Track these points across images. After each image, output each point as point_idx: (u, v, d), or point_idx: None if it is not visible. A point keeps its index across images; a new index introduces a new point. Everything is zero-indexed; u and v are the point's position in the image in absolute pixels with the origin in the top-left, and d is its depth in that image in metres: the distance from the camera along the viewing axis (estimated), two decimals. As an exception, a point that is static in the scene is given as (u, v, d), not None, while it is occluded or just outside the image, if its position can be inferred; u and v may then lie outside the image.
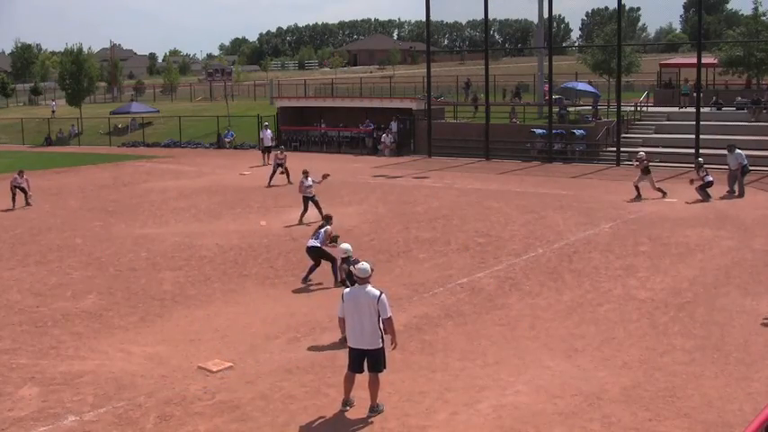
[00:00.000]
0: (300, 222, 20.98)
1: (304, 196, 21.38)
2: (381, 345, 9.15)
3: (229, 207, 24.16)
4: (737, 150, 23.92)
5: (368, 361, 9.16)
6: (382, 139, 38.43)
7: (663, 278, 14.88)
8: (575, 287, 14.45)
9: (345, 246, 12.61)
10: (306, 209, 21.33)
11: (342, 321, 9.32)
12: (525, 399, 9.51)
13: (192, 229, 20.88)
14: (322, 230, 15.18)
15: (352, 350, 9.25)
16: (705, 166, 23.67)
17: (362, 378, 9.33)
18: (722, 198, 23.14)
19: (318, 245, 14.99)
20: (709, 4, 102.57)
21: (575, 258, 16.52)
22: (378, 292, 9.11)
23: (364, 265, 9.35)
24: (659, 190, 23.57)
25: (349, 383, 9.35)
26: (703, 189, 23.08)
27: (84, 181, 31.76)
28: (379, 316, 9.04)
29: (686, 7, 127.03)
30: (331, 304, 13.64)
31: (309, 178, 21.39)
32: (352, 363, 9.27)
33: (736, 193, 23.58)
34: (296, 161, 35.62)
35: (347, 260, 12.56)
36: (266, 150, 34.69)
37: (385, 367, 9.29)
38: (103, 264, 17.21)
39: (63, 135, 51.79)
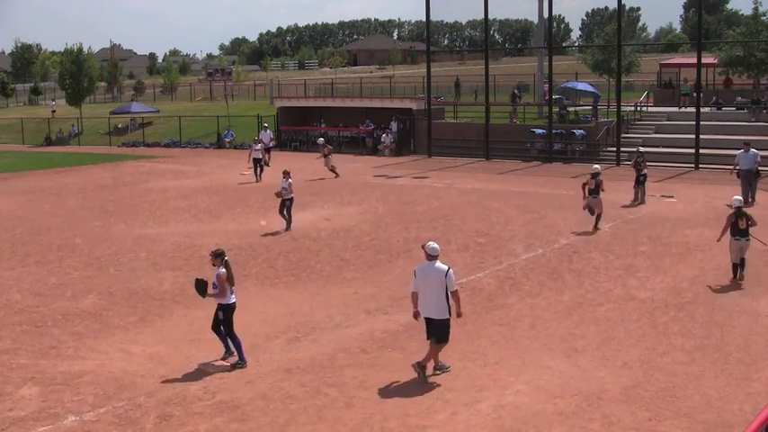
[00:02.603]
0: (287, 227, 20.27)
1: (282, 199, 20.42)
2: (448, 316, 10.13)
3: (229, 207, 24.16)
4: (753, 150, 22.67)
5: (434, 330, 10.16)
6: (382, 139, 38.40)
7: (663, 278, 14.88)
8: (575, 287, 14.45)
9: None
10: (279, 212, 20.40)
11: (414, 296, 10.31)
12: (525, 399, 9.51)
13: (192, 229, 20.88)
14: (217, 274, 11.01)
15: (425, 319, 10.24)
16: (644, 155, 23.08)
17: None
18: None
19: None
20: (709, 4, 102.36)
21: (575, 258, 16.52)
22: (446, 267, 10.25)
23: (434, 244, 10.46)
24: (332, 170, 28.72)
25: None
26: (641, 184, 22.64)
27: (84, 181, 31.76)
28: (447, 289, 10.05)
29: (686, 7, 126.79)
30: (330, 305, 13.67)
31: (287, 180, 20.24)
32: (427, 331, 10.30)
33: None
34: (296, 161, 35.68)
35: (595, 175, 16.62)
36: (265, 151, 34.48)
37: (447, 340, 10.25)
38: (103, 264, 17.21)
39: (63, 135, 51.78)
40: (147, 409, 9.50)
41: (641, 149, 24.20)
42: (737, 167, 22.68)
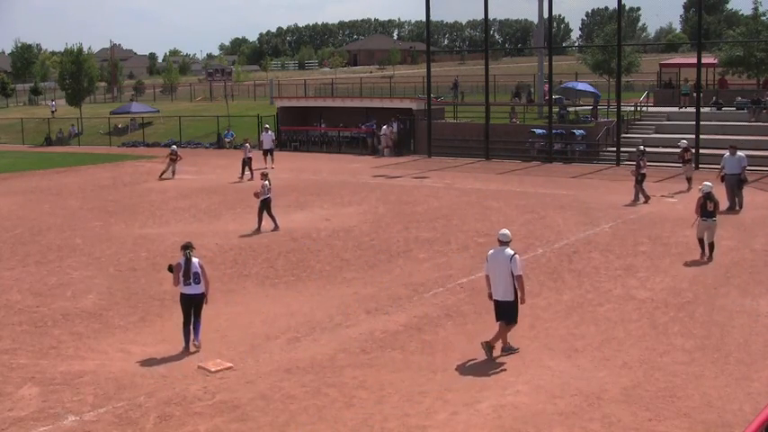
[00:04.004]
0: (274, 227, 20.14)
1: (260, 199, 20.12)
2: (513, 299, 10.84)
3: (229, 207, 24.16)
4: (739, 153, 21.54)
5: (501, 311, 10.94)
6: (383, 131, 38.01)
7: (663, 278, 14.88)
8: (575, 287, 14.45)
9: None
10: (268, 214, 20.23)
11: (487, 278, 11.16)
12: (525, 399, 9.51)
13: (192, 229, 20.87)
14: (197, 266, 11.56)
15: (494, 301, 11.02)
16: (645, 154, 22.90)
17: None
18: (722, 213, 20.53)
19: (203, 290, 11.61)
20: (709, 4, 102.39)
21: (575, 258, 16.52)
22: (512, 252, 10.87)
23: (505, 230, 11.25)
24: (168, 172, 31.02)
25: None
26: (640, 183, 22.58)
27: (84, 181, 31.75)
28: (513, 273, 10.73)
29: (686, 7, 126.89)
30: (330, 305, 13.67)
31: (264, 181, 20.11)
32: (496, 313, 11.07)
33: (737, 207, 21.07)
34: (296, 161, 35.71)
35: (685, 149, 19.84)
36: (266, 153, 34.30)
37: (516, 321, 11.00)
38: (103, 264, 17.21)
39: (63, 135, 51.77)
40: (147, 409, 9.50)
41: (642, 148, 24.14)
42: (723, 171, 21.52)
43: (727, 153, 21.84)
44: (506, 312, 10.92)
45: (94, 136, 51.44)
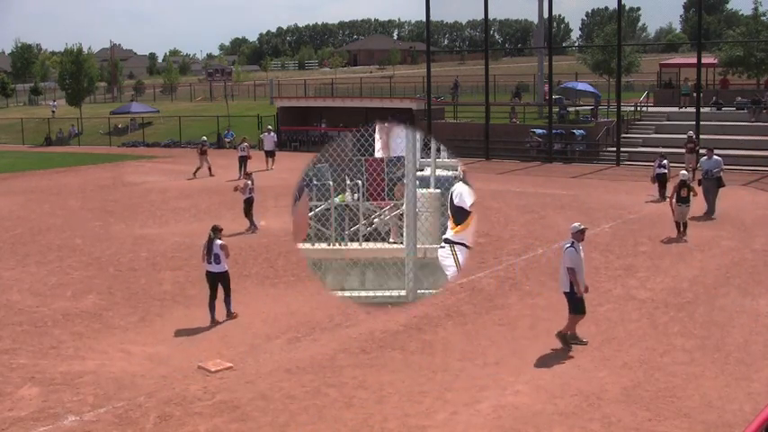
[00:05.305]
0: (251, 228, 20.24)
1: (244, 199, 20.28)
2: (569, 290, 11.10)
3: (229, 207, 24.12)
4: (716, 156, 20.96)
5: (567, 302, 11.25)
6: None
7: (663, 278, 14.89)
8: (575, 287, 14.42)
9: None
10: (246, 214, 20.38)
11: None
12: (525, 399, 9.51)
13: (192, 229, 20.85)
14: (217, 247, 12.78)
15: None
16: (665, 157, 22.91)
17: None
18: (698, 219, 19.81)
19: (227, 268, 12.93)
20: (709, 4, 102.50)
21: (575, 258, 16.50)
22: (567, 245, 11.18)
23: (575, 223, 11.51)
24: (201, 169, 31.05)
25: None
26: (659, 182, 22.56)
27: (84, 181, 31.74)
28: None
29: (686, 7, 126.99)
30: (330, 305, 13.65)
31: (246, 182, 20.29)
32: None
33: (713, 215, 20.37)
34: (296, 161, 35.62)
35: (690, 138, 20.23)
36: (268, 154, 34.13)
37: (576, 312, 11.17)
38: (103, 264, 17.21)
39: (63, 135, 51.77)
40: (147, 409, 9.50)
41: (662, 151, 23.86)
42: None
43: (704, 157, 21.52)
44: (568, 303, 11.20)
45: (94, 136, 51.42)
